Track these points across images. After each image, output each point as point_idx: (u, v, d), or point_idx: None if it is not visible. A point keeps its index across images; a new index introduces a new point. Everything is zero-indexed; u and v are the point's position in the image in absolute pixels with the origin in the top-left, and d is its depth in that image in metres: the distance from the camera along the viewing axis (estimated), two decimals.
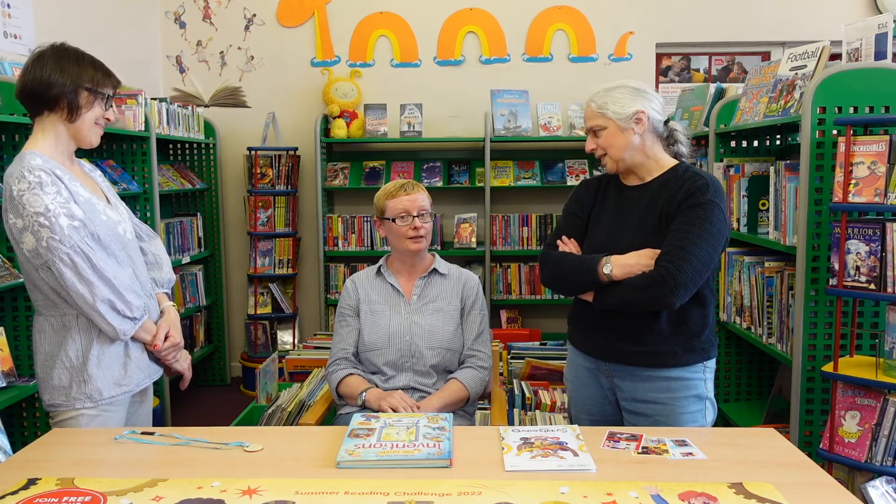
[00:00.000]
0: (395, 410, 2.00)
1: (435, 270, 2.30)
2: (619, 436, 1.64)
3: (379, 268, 2.33)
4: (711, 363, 1.95)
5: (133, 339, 1.86)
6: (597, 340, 1.96)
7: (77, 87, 1.77)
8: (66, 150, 1.83)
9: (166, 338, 1.91)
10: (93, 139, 1.85)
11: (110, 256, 1.77)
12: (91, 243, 1.72)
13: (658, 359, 1.88)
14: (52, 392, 1.80)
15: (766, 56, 4.71)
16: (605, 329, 1.93)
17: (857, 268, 2.19)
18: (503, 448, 1.57)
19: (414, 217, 2.19)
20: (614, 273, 1.83)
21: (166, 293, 2.03)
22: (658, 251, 1.81)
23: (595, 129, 1.92)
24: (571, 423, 2.11)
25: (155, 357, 1.94)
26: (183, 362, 2.01)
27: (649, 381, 1.89)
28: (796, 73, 2.61)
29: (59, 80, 1.76)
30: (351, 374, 2.19)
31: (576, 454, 1.53)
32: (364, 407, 2.11)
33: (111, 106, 1.86)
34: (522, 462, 1.50)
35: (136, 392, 1.89)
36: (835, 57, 2.60)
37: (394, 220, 2.21)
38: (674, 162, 1.95)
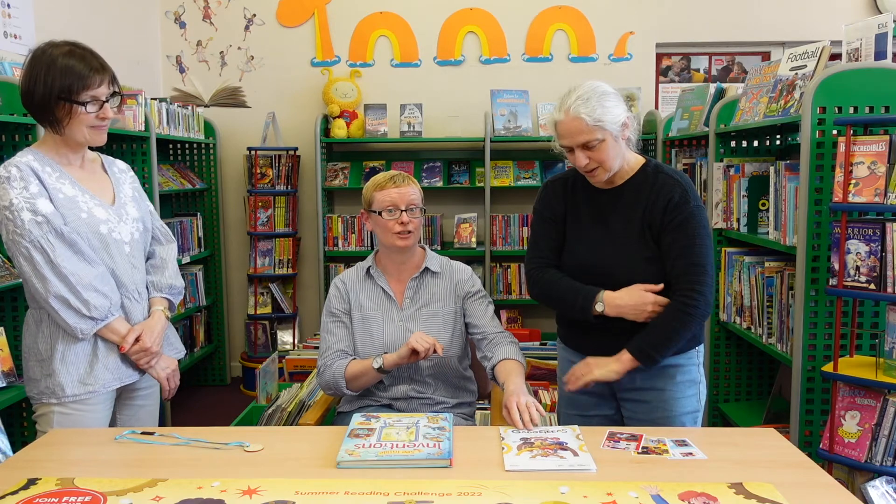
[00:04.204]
0: (416, 351, 1.92)
1: (427, 269, 2.18)
2: (619, 436, 1.64)
3: (368, 268, 2.20)
4: (701, 347, 2.00)
5: (105, 339, 1.83)
6: (595, 341, 1.95)
7: (47, 104, 1.74)
8: (67, 150, 1.83)
9: (138, 340, 1.86)
10: (93, 140, 1.82)
11: (77, 254, 1.75)
12: (52, 239, 1.72)
13: None
14: (28, 384, 1.85)
15: (766, 56, 4.71)
16: (604, 330, 1.92)
17: (857, 268, 2.19)
18: (503, 448, 1.58)
19: (402, 211, 2.06)
20: (606, 312, 1.87)
21: (166, 298, 1.98)
22: (648, 286, 1.84)
23: (590, 143, 1.81)
24: (559, 422, 2.11)
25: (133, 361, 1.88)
26: (160, 370, 1.92)
27: (647, 370, 1.90)
28: (796, 73, 2.61)
29: (32, 97, 1.75)
30: (354, 359, 2.10)
31: (576, 454, 1.53)
32: (381, 371, 2.01)
33: (103, 105, 1.78)
34: (522, 462, 1.50)
35: (103, 393, 1.83)
36: (835, 57, 2.60)
37: (380, 214, 2.08)
38: (639, 159, 1.94)
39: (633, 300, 1.84)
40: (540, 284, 1.98)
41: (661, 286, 1.86)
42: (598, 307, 1.86)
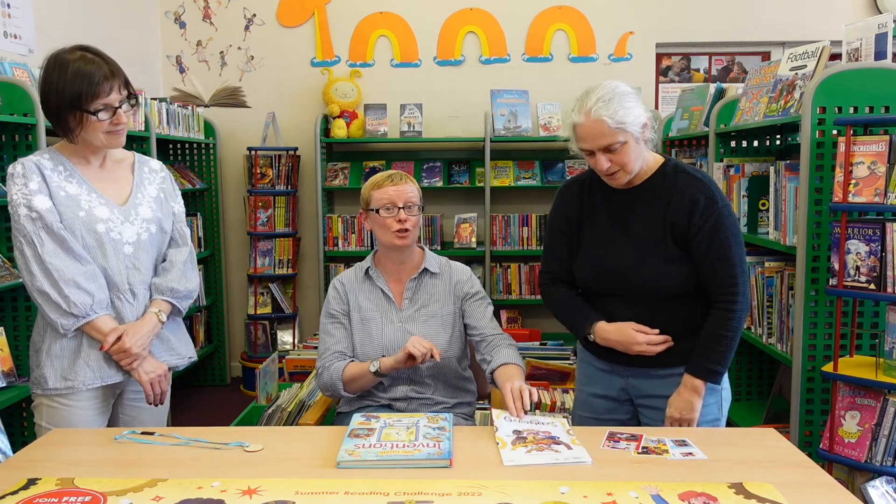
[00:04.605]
0: (413, 356, 1.91)
1: (426, 270, 2.17)
2: (619, 436, 1.64)
3: (367, 269, 2.19)
4: None
5: (91, 337, 1.83)
6: (610, 349, 1.93)
7: (59, 113, 1.76)
8: (86, 151, 1.86)
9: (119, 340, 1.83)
10: (110, 144, 1.84)
11: (66, 251, 1.77)
12: (43, 235, 1.76)
13: (675, 358, 1.86)
14: (30, 373, 1.89)
15: (766, 56, 4.71)
16: None
17: (857, 268, 2.19)
18: (497, 443, 1.58)
19: (400, 209, 2.05)
20: (597, 342, 1.91)
21: (166, 301, 1.93)
22: (642, 327, 1.84)
23: (612, 146, 1.76)
24: (573, 424, 2.10)
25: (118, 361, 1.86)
26: (143, 374, 1.86)
27: (667, 378, 1.87)
28: (796, 73, 2.61)
29: (47, 105, 1.77)
30: (352, 361, 2.09)
31: (569, 447, 1.54)
32: (378, 374, 2.01)
33: (116, 111, 1.78)
34: (519, 457, 1.51)
35: (83, 390, 1.82)
36: (835, 57, 2.60)
37: (378, 212, 2.07)
38: (658, 159, 1.90)
39: (622, 338, 1.86)
40: (548, 299, 2.04)
41: (656, 331, 1.85)
42: (590, 338, 1.92)
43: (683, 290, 1.86)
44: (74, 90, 1.73)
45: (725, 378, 1.92)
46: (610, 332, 1.88)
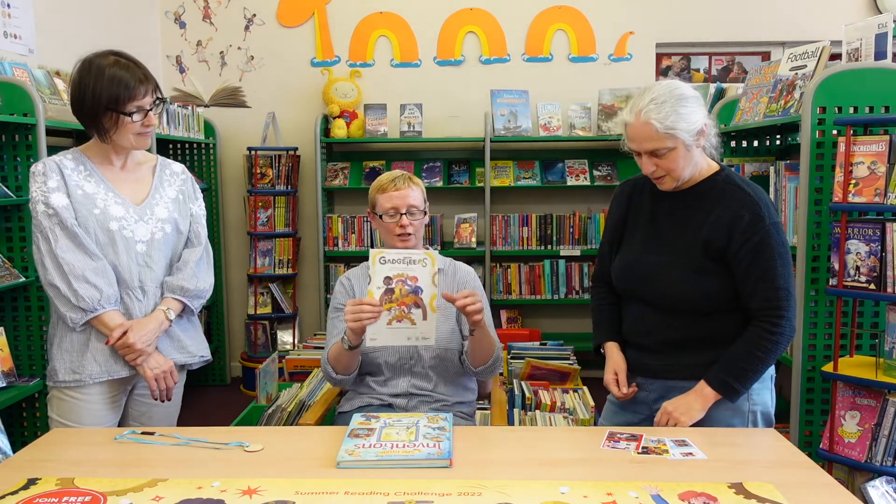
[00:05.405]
0: (365, 313, 1.86)
1: None
2: (619, 436, 1.64)
3: None
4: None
5: (100, 331, 1.86)
6: (633, 356, 1.91)
7: (95, 114, 1.82)
8: (110, 151, 1.92)
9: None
10: (138, 145, 1.92)
11: (78, 246, 1.82)
12: (57, 231, 1.82)
13: (695, 369, 1.78)
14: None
15: (766, 56, 4.71)
16: (640, 348, 1.88)
17: (857, 268, 2.19)
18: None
19: (402, 215, 2.08)
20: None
21: (177, 299, 1.95)
22: (622, 375, 1.87)
23: (658, 151, 1.70)
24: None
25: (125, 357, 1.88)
26: (148, 369, 1.88)
27: (683, 391, 1.79)
28: (796, 73, 2.61)
29: (81, 107, 1.84)
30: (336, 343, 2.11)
31: (424, 318, 1.78)
32: (352, 347, 1.99)
33: (147, 113, 1.87)
34: (381, 335, 1.80)
35: (90, 384, 1.85)
36: (835, 57, 2.61)
37: (381, 217, 2.11)
38: (712, 167, 1.81)
39: (606, 367, 1.92)
40: (591, 299, 2.08)
41: (633, 388, 1.87)
42: (601, 351, 1.97)
43: (709, 304, 1.76)
44: (112, 93, 1.82)
45: (764, 399, 1.81)
46: (606, 356, 1.94)
